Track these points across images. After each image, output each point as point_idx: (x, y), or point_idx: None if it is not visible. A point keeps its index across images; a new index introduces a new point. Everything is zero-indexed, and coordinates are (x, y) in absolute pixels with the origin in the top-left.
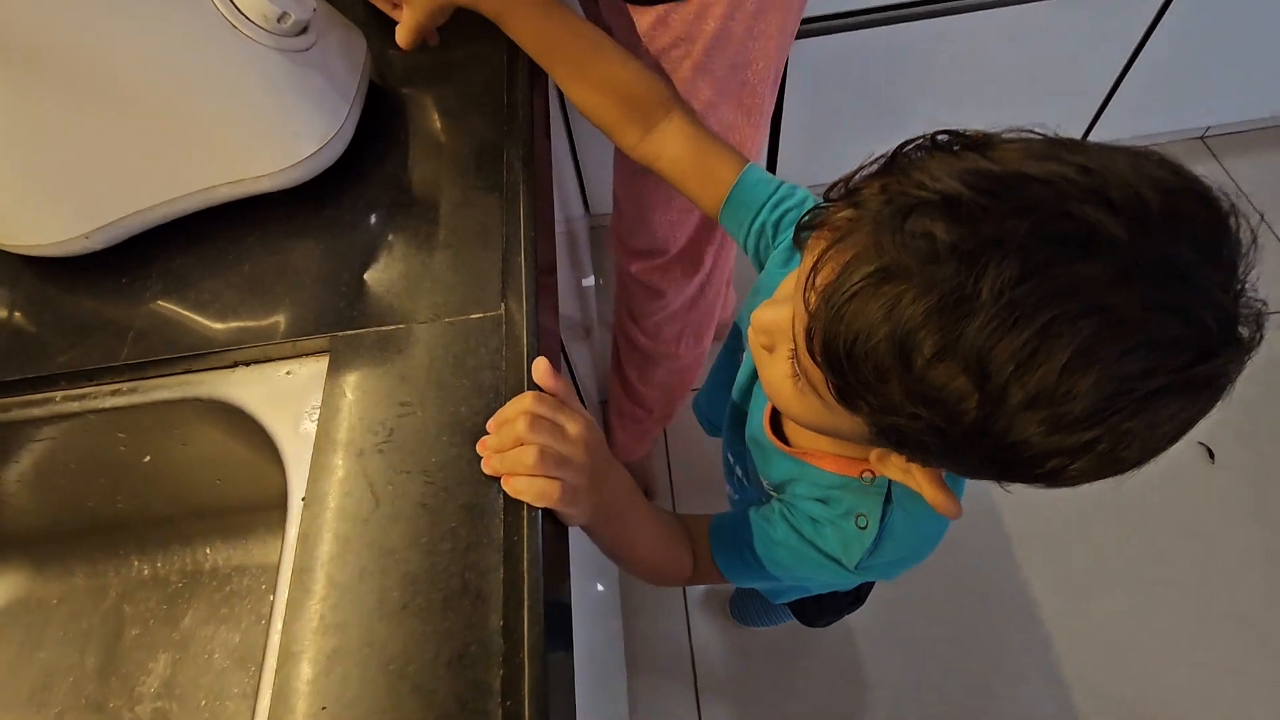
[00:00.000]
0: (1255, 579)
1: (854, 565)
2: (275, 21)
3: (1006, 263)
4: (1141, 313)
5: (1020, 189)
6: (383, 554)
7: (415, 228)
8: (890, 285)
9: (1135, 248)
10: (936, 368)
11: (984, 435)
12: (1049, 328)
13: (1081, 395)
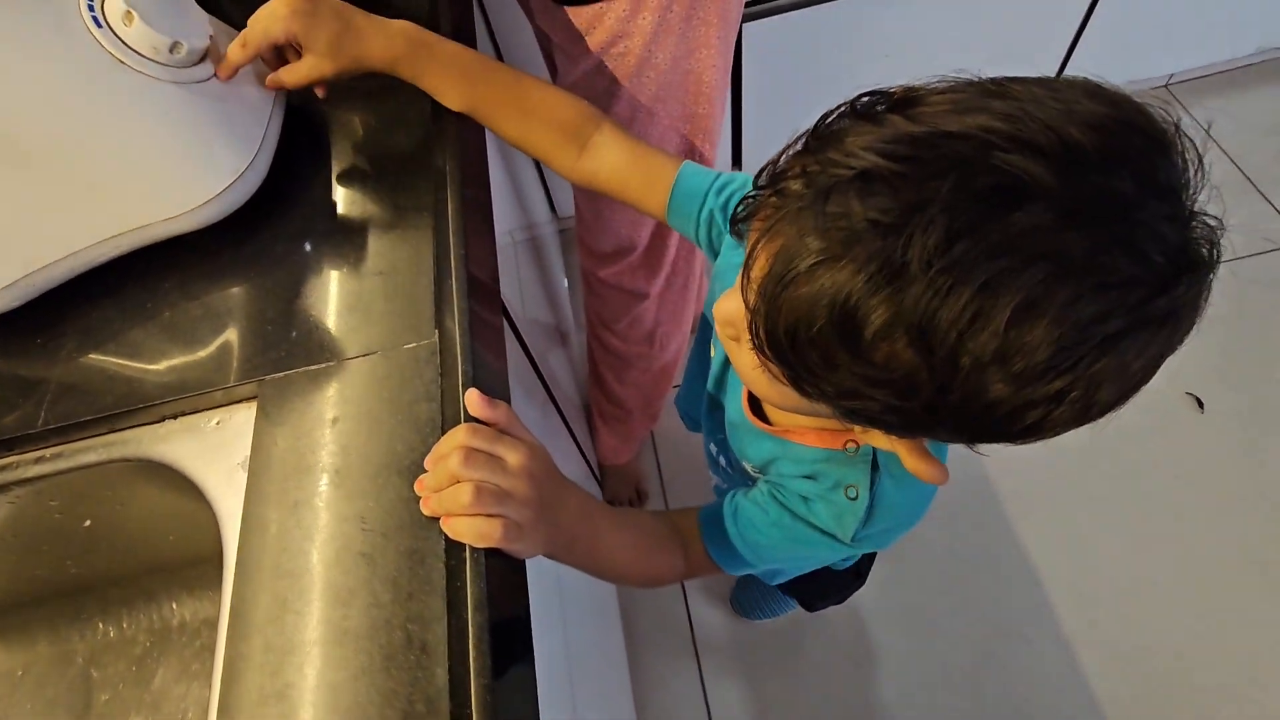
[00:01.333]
0: (1253, 522)
1: (850, 538)
2: (167, 53)
3: (932, 228)
4: (1085, 256)
5: (939, 148)
6: (321, 610)
7: (343, 257)
8: (821, 271)
9: (1068, 191)
10: (880, 347)
11: (946, 405)
12: (987, 286)
13: (1037, 347)
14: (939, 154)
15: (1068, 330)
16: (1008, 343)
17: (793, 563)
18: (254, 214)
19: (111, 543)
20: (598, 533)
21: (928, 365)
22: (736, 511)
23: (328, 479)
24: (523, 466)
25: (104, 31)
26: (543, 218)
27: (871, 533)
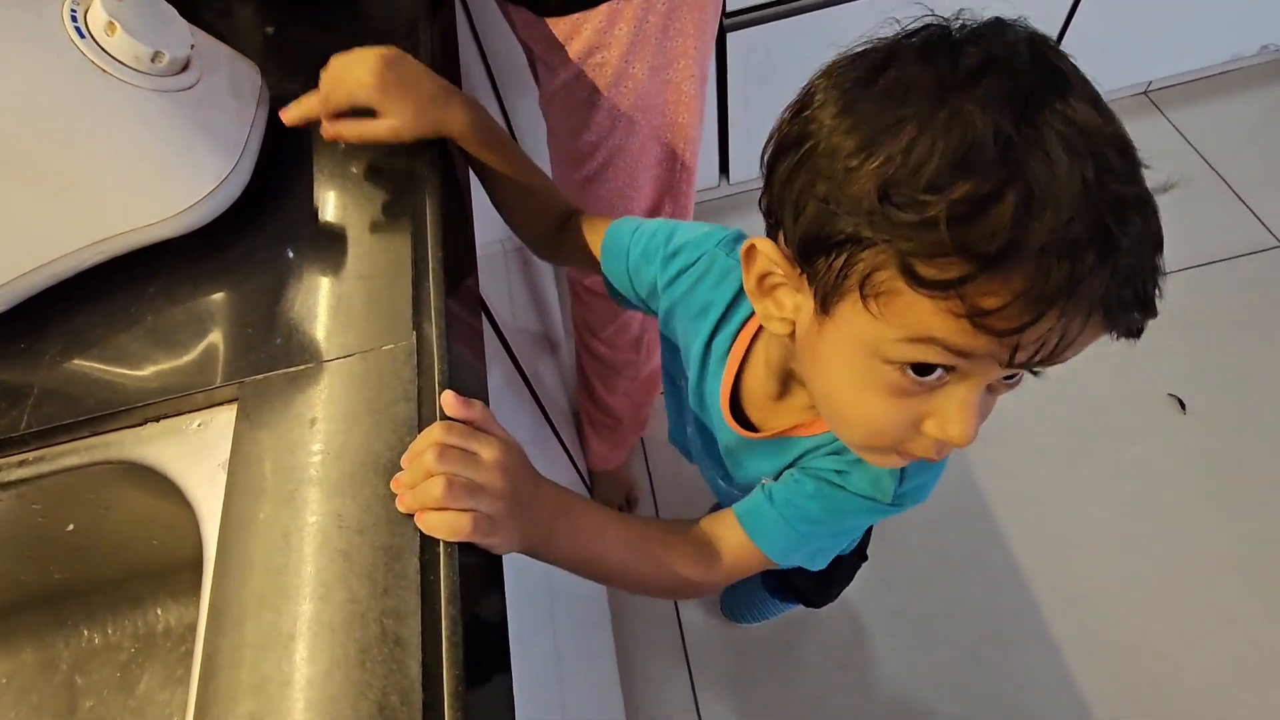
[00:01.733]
0: (1236, 522)
1: (890, 498)
2: (150, 62)
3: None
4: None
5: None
6: (298, 606)
7: (324, 261)
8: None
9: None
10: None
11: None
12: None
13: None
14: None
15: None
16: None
17: (837, 536)
18: (237, 219)
19: (95, 547)
20: (579, 529)
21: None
22: (773, 496)
23: (306, 478)
24: (496, 461)
25: (87, 41)
26: None
27: (908, 488)
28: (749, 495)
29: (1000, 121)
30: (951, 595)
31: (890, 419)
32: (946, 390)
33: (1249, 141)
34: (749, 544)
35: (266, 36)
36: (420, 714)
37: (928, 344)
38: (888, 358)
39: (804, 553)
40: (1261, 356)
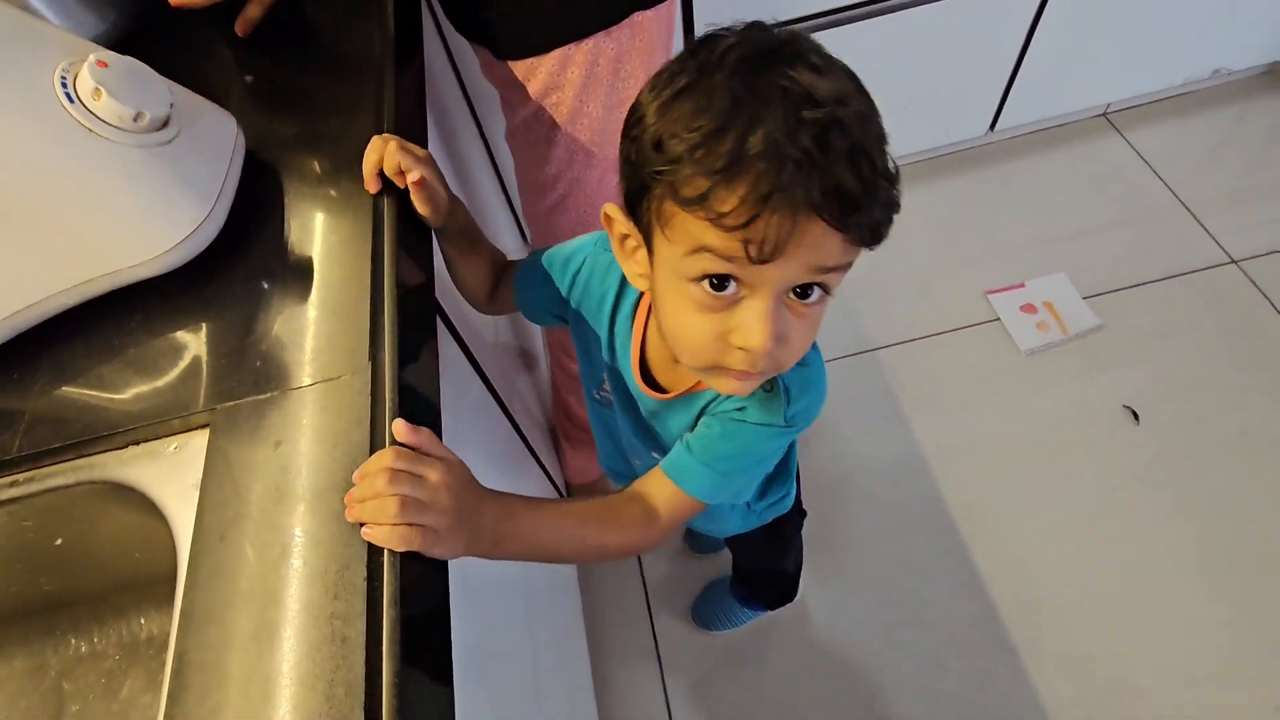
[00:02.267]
0: (1188, 530)
1: (785, 419)
2: (132, 121)
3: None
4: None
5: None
6: (259, 610)
7: (291, 296)
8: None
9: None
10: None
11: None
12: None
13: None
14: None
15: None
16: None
17: (752, 467)
18: (213, 258)
19: (82, 560)
20: (523, 528)
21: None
22: (690, 446)
23: (270, 496)
24: (440, 481)
25: (75, 105)
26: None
27: (796, 410)
28: (671, 451)
29: (734, 83)
30: (915, 602)
31: (705, 333)
32: (743, 304)
33: (1203, 162)
34: (679, 492)
35: (245, 84)
36: (362, 704)
37: (701, 252)
38: (684, 274)
39: (729, 489)
40: (1212, 370)
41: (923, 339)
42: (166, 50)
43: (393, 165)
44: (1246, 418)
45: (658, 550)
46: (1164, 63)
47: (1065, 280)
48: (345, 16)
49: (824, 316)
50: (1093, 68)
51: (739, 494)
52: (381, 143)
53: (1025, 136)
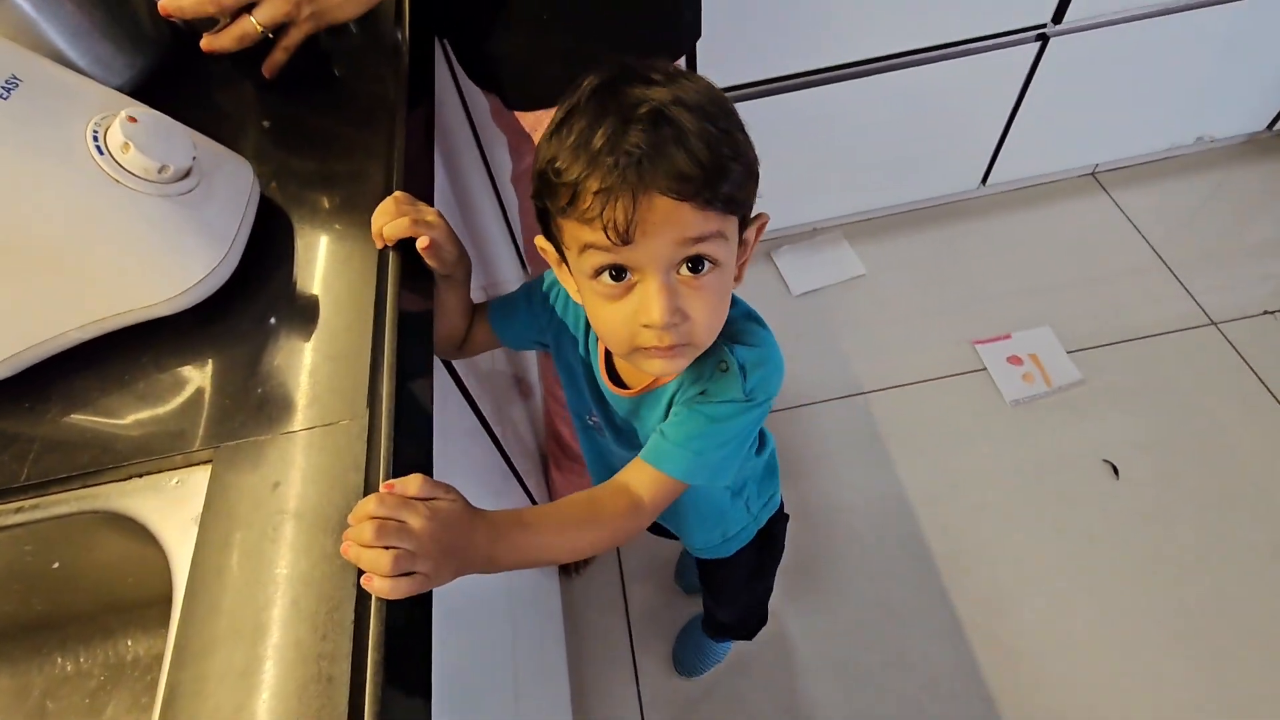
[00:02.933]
0: (1163, 586)
1: (746, 393)
2: (156, 173)
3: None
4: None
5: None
6: (249, 646)
7: (296, 340)
8: (684, 99)
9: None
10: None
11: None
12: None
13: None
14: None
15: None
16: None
17: (725, 445)
18: (224, 299)
19: (75, 583)
20: (517, 544)
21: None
22: (664, 432)
23: (266, 535)
24: (424, 527)
25: (105, 157)
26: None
27: (753, 384)
28: (649, 442)
29: (589, 107)
30: (894, 646)
31: (616, 320)
32: (638, 287)
33: (1186, 224)
34: (659, 475)
35: (263, 128)
36: None
37: (587, 250)
38: (586, 273)
39: (706, 467)
40: (1190, 429)
41: (911, 385)
42: (192, 90)
43: (399, 233)
44: (1221, 479)
45: (644, 585)
46: (1150, 128)
47: (1050, 333)
48: (364, 64)
49: (728, 289)
50: (1081, 129)
51: (717, 472)
52: (393, 206)
53: (1015, 191)
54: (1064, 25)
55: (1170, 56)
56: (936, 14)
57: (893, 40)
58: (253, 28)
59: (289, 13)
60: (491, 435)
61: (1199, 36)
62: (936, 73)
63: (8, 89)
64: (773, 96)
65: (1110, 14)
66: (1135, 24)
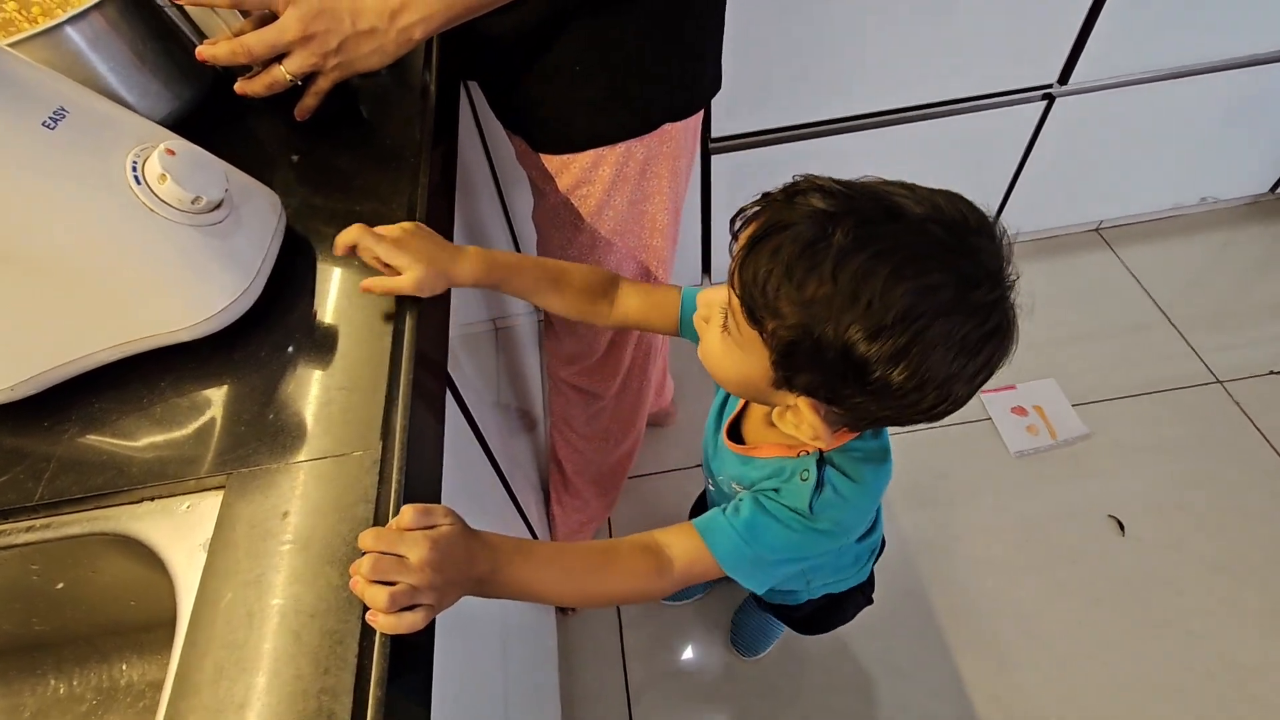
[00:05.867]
0: (1168, 647)
1: (807, 507)
2: (190, 204)
3: (851, 218)
4: (935, 251)
5: (866, 187)
6: (251, 678)
7: (313, 370)
8: (782, 233)
9: (931, 221)
10: (809, 281)
11: (836, 338)
12: (876, 254)
13: (896, 301)
14: (864, 189)
15: (916, 294)
16: (882, 294)
17: (777, 555)
18: (245, 326)
19: (77, 604)
20: (515, 576)
21: (832, 300)
22: (725, 510)
23: (274, 565)
24: (421, 560)
25: (142, 187)
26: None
27: (825, 507)
28: (705, 515)
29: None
30: (896, 702)
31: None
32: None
33: (1191, 282)
34: (702, 549)
35: (292, 163)
36: None
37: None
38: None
39: (751, 565)
40: (1196, 487)
41: (914, 431)
42: (228, 123)
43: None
44: (1227, 541)
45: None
46: (1154, 187)
47: (1055, 386)
48: (392, 105)
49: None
50: (1086, 186)
51: (761, 578)
52: (357, 233)
53: (1021, 244)
54: (1069, 86)
55: (1173, 119)
56: (948, 71)
57: (905, 95)
58: (282, 75)
59: (316, 64)
60: (497, 468)
61: (1202, 100)
62: (946, 126)
63: (55, 119)
64: (786, 144)
65: (1114, 77)
66: (1139, 87)
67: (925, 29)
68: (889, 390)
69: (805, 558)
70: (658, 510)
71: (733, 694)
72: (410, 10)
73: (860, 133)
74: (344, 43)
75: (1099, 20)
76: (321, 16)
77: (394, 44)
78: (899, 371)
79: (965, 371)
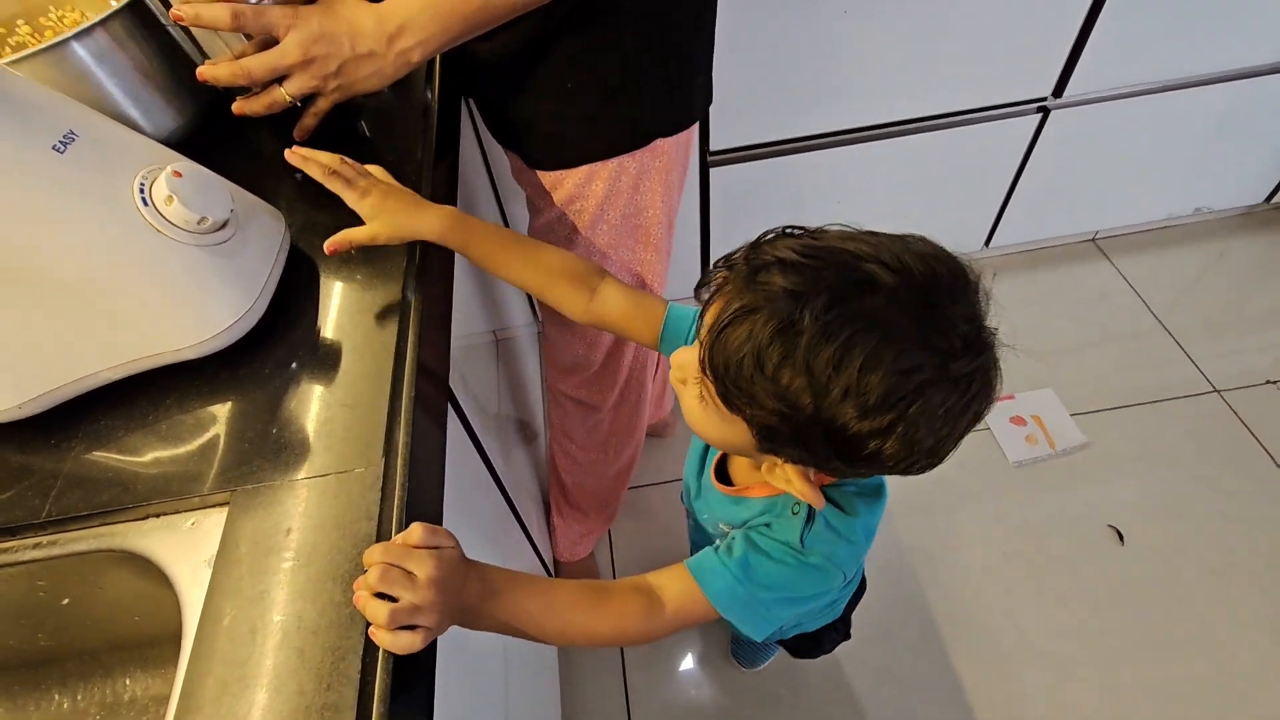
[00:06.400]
0: (1168, 656)
1: (799, 540)
2: (196, 224)
3: (820, 299)
4: (909, 329)
5: (832, 254)
6: (255, 694)
7: (317, 387)
8: (749, 317)
9: (902, 290)
10: (782, 371)
11: (817, 422)
12: (849, 341)
13: (875, 386)
14: (830, 258)
15: (895, 377)
16: (859, 381)
17: (773, 595)
18: (249, 344)
19: (83, 620)
20: (505, 607)
21: (810, 388)
22: (717, 550)
23: (277, 581)
24: (429, 578)
25: (149, 209)
26: (522, 321)
27: (816, 541)
28: (697, 555)
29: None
30: (896, 712)
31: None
32: None
33: (1186, 292)
34: (695, 591)
35: (295, 180)
36: None
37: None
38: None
39: (745, 605)
40: (1195, 496)
41: None
42: (232, 141)
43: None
44: (1226, 549)
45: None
46: (1149, 198)
47: (1053, 396)
48: (394, 123)
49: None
50: (1082, 197)
51: (757, 621)
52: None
53: (1018, 254)
54: (1064, 99)
55: (1167, 130)
56: (944, 85)
57: (902, 108)
58: (282, 96)
59: (316, 86)
60: (497, 480)
61: (1195, 112)
62: (943, 139)
63: (64, 143)
64: (784, 157)
65: (1108, 90)
66: (1132, 100)
67: (922, 44)
68: (879, 460)
69: (800, 598)
70: (657, 521)
71: (733, 704)
72: (408, 34)
73: (857, 145)
74: (343, 66)
75: (1093, 34)
76: (321, 40)
77: (392, 66)
78: (889, 444)
79: (955, 433)
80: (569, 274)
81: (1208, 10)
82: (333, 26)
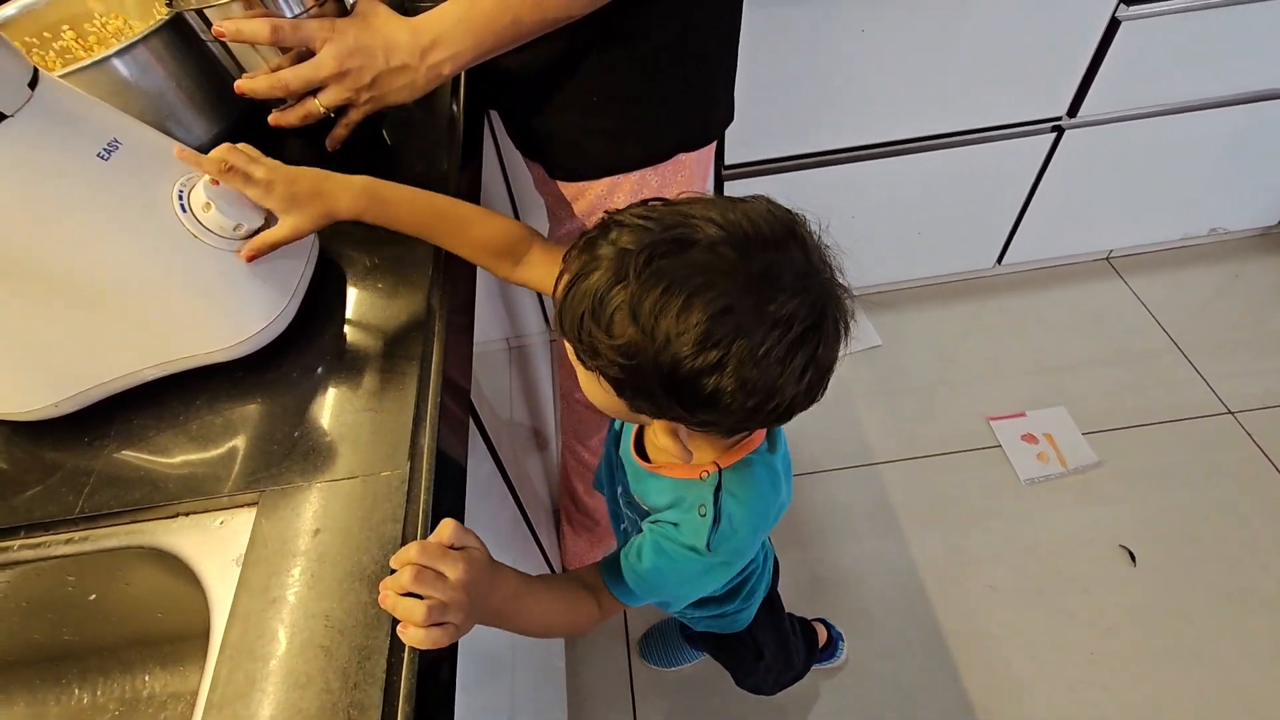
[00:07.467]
0: (1179, 677)
1: (705, 545)
2: (231, 231)
3: (644, 253)
4: (727, 273)
5: (666, 216)
6: (282, 692)
7: (343, 391)
8: (589, 276)
9: (723, 242)
10: (614, 323)
11: (655, 367)
12: (668, 288)
13: (694, 326)
14: (662, 219)
15: (714, 318)
16: (681, 322)
17: (676, 585)
18: (279, 347)
19: (108, 615)
20: (521, 609)
21: (641, 335)
22: (626, 552)
23: (305, 581)
24: (460, 580)
25: (187, 215)
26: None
27: (722, 543)
28: (611, 554)
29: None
30: None
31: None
32: None
33: (1200, 312)
34: (606, 588)
35: None
36: None
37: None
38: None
39: (651, 597)
40: (1207, 517)
41: (925, 457)
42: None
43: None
44: (1238, 572)
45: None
46: (1163, 218)
47: (1065, 414)
48: (420, 134)
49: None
50: (1095, 216)
51: (668, 604)
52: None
53: (1031, 272)
54: (1078, 119)
55: (1182, 152)
56: (959, 103)
57: (916, 125)
58: (317, 108)
59: (350, 98)
60: (510, 486)
61: (1210, 134)
62: (957, 157)
63: (109, 150)
64: (799, 172)
65: (1123, 111)
66: (1147, 120)
67: (938, 62)
68: (720, 402)
69: (710, 582)
70: None
71: (740, 716)
72: (440, 48)
73: (872, 162)
74: (377, 78)
75: (1108, 55)
76: (356, 54)
77: (424, 79)
78: (724, 381)
79: (790, 376)
80: (494, 248)
81: (1223, 32)
82: (368, 40)
